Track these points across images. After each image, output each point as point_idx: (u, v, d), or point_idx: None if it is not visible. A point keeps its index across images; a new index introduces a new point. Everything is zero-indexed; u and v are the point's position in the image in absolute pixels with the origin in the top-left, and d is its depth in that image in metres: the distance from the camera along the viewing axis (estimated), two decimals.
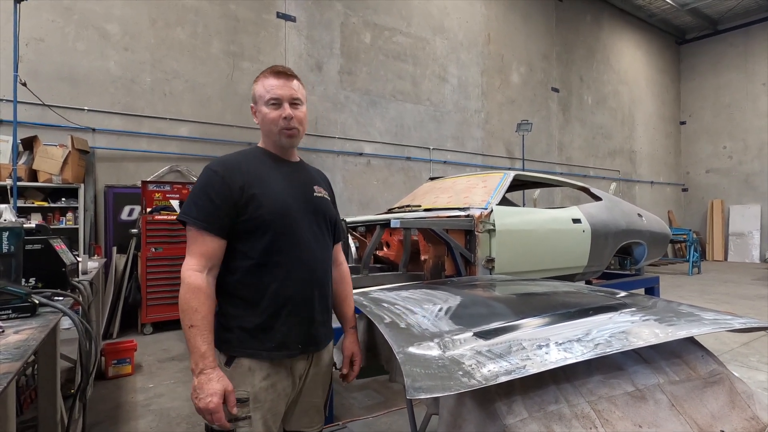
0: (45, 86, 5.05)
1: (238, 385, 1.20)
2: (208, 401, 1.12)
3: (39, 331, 1.21)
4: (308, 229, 1.32)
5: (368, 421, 2.76)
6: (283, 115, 1.30)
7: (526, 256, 3.45)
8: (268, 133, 1.34)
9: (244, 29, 6.42)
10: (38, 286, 1.64)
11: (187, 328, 1.15)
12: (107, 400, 3.11)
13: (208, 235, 1.21)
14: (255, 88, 1.34)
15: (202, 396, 1.12)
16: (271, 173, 1.31)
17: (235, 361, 1.23)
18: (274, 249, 1.25)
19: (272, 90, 1.30)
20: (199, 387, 1.13)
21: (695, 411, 1.14)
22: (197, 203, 1.22)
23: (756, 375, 3.46)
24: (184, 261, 1.21)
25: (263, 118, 1.32)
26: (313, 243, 1.33)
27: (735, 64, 12.92)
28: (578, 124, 11.06)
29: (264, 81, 1.32)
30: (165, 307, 4.92)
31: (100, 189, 5.39)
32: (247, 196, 1.23)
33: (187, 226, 1.23)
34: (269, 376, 1.24)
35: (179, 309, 1.18)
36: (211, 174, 1.25)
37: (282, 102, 1.30)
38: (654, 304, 1.58)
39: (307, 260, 1.30)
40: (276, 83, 1.30)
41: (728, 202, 12.97)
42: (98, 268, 3.18)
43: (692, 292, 7.38)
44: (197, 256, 1.20)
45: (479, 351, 1.14)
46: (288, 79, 1.32)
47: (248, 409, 1.21)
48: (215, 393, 1.12)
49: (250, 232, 1.24)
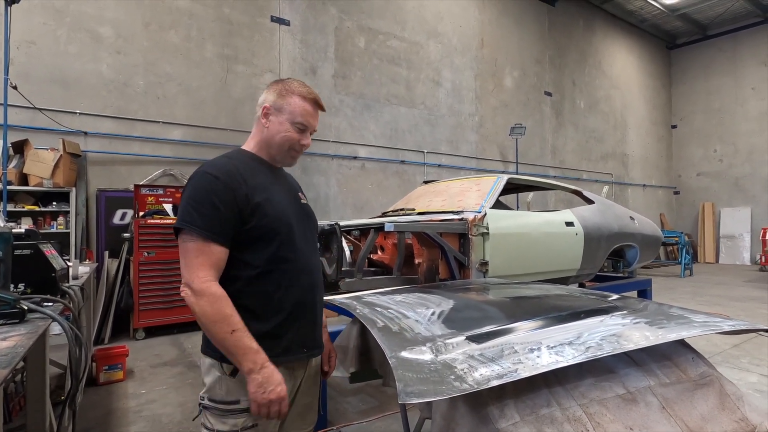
0: (36, 89, 5.00)
1: (244, 395, 1.18)
2: (279, 390, 1.13)
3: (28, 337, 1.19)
4: (302, 236, 1.33)
5: (362, 425, 2.75)
6: (302, 142, 1.33)
7: (520, 259, 3.46)
8: (275, 146, 1.33)
9: (238, 33, 6.42)
10: (27, 291, 1.62)
11: (229, 334, 1.12)
12: (98, 406, 3.07)
13: (215, 246, 1.16)
14: (287, 100, 1.30)
15: (271, 387, 1.13)
16: (268, 181, 1.30)
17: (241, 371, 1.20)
18: (279, 257, 1.24)
19: (306, 116, 1.32)
20: (266, 380, 1.13)
21: (685, 413, 1.15)
22: (200, 211, 1.16)
23: (747, 376, 3.49)
24: (192, 273, 1.14)
25: (281, 133, 1.31)
26: (308, 249, 1.34)
27: (724, 68, 13.11)
28: (571, 127, 11.16)
29: (302, 102, 1.31)
30: (157, 312, 4.88)
31: (92, 193, 5.35)
32: (253, 205, 1.21)
33: (189, 235, 1.16)
34: None
35: (208, 321, 1.12)
36: (213, 180, 1.19)
37: (307, 130, 1.34)
38: (645, 306, 1.59)
39: (306, 266, 1.31)
40: (312, 112, 1.33)
41: (719, 204, 13.12)
42: (89, 273, 3.15)
43: (684, 295, 7.45)
44: (207, 267, 1.15)
45: (471, 355, 1.15)
46: (319, 111, 1.36)
47: (255, 417, 1.19)
48: (281, 382, 1.15)
49: (253, 242, 1.22)
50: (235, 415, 1.19)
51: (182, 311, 5.04)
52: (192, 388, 3.41)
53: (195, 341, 4.72)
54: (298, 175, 6.91)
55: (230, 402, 1.19)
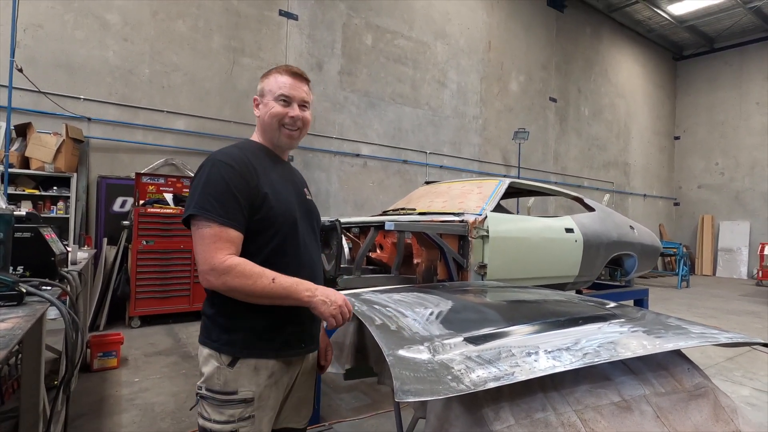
0: (41, 73, 4.99)
1: (243, 385, 1.19)
2: (337, 295, 1.19)
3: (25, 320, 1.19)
4: (306, 231, 1.34)
5: (355, 422, 2.76)
6: (291, 114, 1.31)
7: (519, 263, 3.46)
8: (268, 128, 1.33)
9: (245, 25, 6.41)
10: (26, 274, 1.61)
11: (273, 282, 1.13)
12: (91, 392, 3.07)
13: (232, 230, 1.16)
14: (265, 82, 1.33)
15: (333, 297, 1.18)
16: (275, 173, 1.30)
17: (239, 362, 1.21)
18: (281, 250, 1.25)
19: (284, 87, 1.30)
20: (326, 296, 1.17)
21: (680, 423, 1.16)
22: (218, 198, 1.15)
23: (739, 390, 3.50)
24: (212, 257, 1.12)
25: (268, 112, 1.31)
26: (311, 244, 1.35)
27: (730, 82, 13.11)
28: (574, 134, 11.16)
29: (277, 77, 1.32)
30: (154, 301, 4.88)
31: (93, 179, 5.34)
32: (262, 195, 1.21)
33: (205, 221, 1.14)
34: (273, 374, 1.25)
35: (247, 286, 1.11)
36: (227, 168, 1.19)
37: (292, 102, 1.31)
38: (643, 315, 1.60)
39: (308, 261, 1.32)
40: (290, 82, 1.31)
41: (718, 217, 13.13)
42: (88, 259, 3.15)
43: (680, 306, 7.46)
44: (226, 249, 1.13)
45: (469, 356, 1.15)
46: (302, 81, 1.34)
47: (252, 408, 1.20)
48: (333, 290, 1.20)
49: (258, 233, 1.22)
50: (233, 406, 1.19)
51: (178, 301, 5.04)
52: (186, 378, 3.41)
53: (190, 331, 4.72)
54: (300, 170, 6.90)
55: (228, 392, 1.19)
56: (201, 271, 1.15)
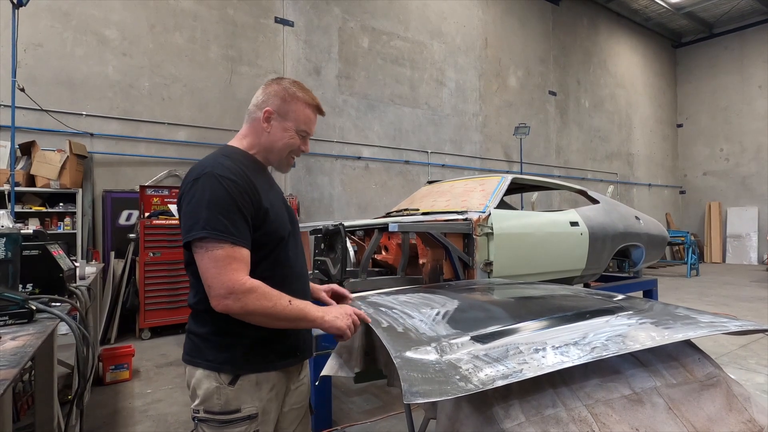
0: (43, 91, 5.05)
1: (245, 402, 1.16)
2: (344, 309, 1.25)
3: (36, 337, 1.21)
4: (295, 242, 1.34)
5: (367, 425, 2.76)
6: (302, 149, 1.34)
7: (524, 259, 3.45)
8: (274, 151, 1.30)
9: (242, 34, 6.44)
10: (35, 292, 1.63)
11: (289, 305, 1.14)
12: (105, 405, 3.10)
13: (243, 249, 1.13)
14: (292, 107, 1.28)
15: (341, 313, 1.23)
16: (267, 186, 1.29)
17: (241, 379, 1.17)
18: (278, 263, 1.25)
19: (309, 124, 1.32)
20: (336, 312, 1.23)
21: (692, 414, 1.15)
22: (228, 217, 1.11)
23: (754, 377, 3.46)
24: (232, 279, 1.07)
25: (283, 140, 1.29)
26: (299, 254, 1.35)
27: (731, 67, 13.00)
28: (576, 127, 11.11)
29: (306, 110, 1.30)
30: (163, 312, 4.91)
31: (98, 194, 5.39)
32: (263, 211, 1.20)
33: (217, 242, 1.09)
34: (274, 386, 1.24)
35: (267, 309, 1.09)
36: (231, 183, 1.14)
37: (308, 137, 1.34)
38: (651, 307, 1.59)
39: (300, 270, 1.33)
40: (314, 119, 1.34)
41: (726, 204, 13.01)
42: (96, 273, 3.18)
43: (690, 295, 7.39)
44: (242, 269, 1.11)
45: (476, 355, 1.14)
46: (319, 116, 1.37)
47: (257, 423, 1.18)
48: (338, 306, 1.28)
49: (258, 247, 1.19)
50: (236, 424, 1.15)
51: (187, 311, 5.03)
52: None
53: None
54: (303, 176, 6.93)
55: (230, 412, 1.15)
56: (216, 295, 1.08)
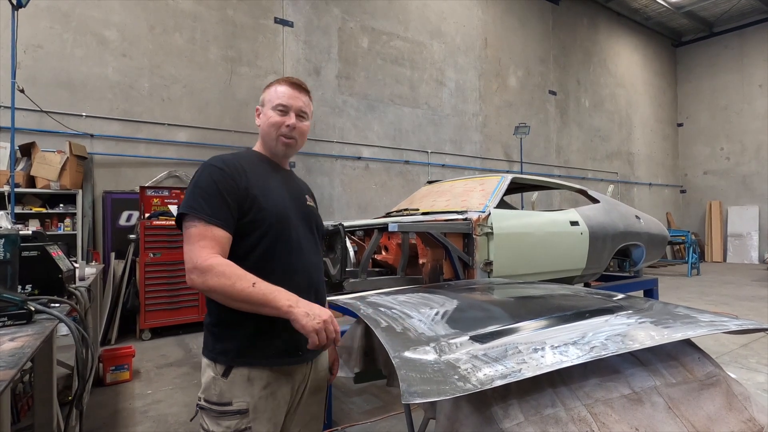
0: (43, 92, 5.05)
1: (236, 396, 1.17)
2: (323, 311, 1.10)
3: (35, 338, 1.21)
4: (303, 235, 1.33)
5: (366, 425, 2.76)
6: (287, 123, 1.32)
7: (525, 259, 3.45)
8: (266, 137, 1.36)
9: (242, 35, 6.45)
10: (34, 293, 1.63)
11: (252, 287, 1.08)
12: (105, 406, 3.10)
13: (217, 229, 1.16)
14: (266, 93, 1.37)
15: (316, 311, 1.09)
16: (269, 178, 1.32)
17: (233, 371, 1.19)
18: (272, 253, 1.23)
19: (282, 97, 1.33)
20: (308, 307, 1.09)
21: (692, 413, 1.14)
22: (206, 198, 1.17)
23: (755, 376, 3.45)
24: (195, 255, 1.11)
25: (266, 121, 1.34)
26: (307, 248, 1.33)
27: (731, 66, 12.98)
28: (576, 126, 11.10)
29: (277, 87, 1.35)
30: (163, 313, 4.91)
31: (99, 195, 5.39)
32: (251, 197, 1.22)
33: (191, 221, 1.15)
34: (269, 384, 1.21)
35: (226, 288, 1.08)
36: (216, 170, 1.22)
37: (289, 111, 1.33)
38: (650, 306, 1.58)
39: (304, 265, 1.30)
40: (288, 92, 1.34)
41: (726, 203, 12.99)
42: (96, 274, 3.18)
43: (691, 294, 7.38)
44: (209, 247, 1.13)
45: (475, 355, 1.14)
46: (300, 91, 1.36)
47: (248, 419, 1.17)
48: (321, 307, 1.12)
49: (247, 235, 1.21)
50: (228, 417, 1.17)
51: (188, 312, 5.06)
52: (198, 388, 3.43)
53: (200, 342, 4.73)
54: (302, 176, 6.92)
55: (223, 404, 1.18)
56: (186, 269, 1.14)
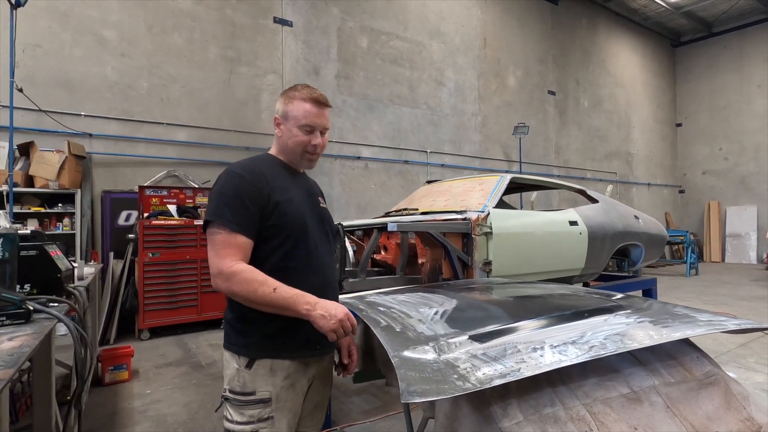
0: (42, 92, 5.05)
1: (260, 386, 1.24)
2: (339, 309, 1.18)
3: (33, 337, 1.20)
4: (318, 237, 1.39)
5: (366, 425, 2.76)
6: (313, 143, 1.37)
7: (524, 258, 3.45)
8: (290, 153, 1.39)
9: (241, 34, 6.44)
10: (33, 292, 1.63)
11: (274, 292, 1.18)
12: (104, 406, 3.09)
13: (241, 236, 1.23)
14: (289, 106, 1.36)
15: (333, 311, 1.17)
16: (288, 183, 1.37)
17: (256, 363, 1.26)
18: (292, 255, 1.30)
19: (309, 116, 1.35)
20: (325, 309, 1.18)
21: (690, 413, 1.15)
22: (230, 206, 1.23)
23: (754, 376, 3.46)
24: (221, 261, 1.20)
25: (291, 138, 1.36)
26: (323, 250, 1.40)
27: (730, 66, 13.00)
28: (575, 126, 11.11)
29: (302, 105, 1.35)
30: (162, 313, 4.91)
31: (97, 194, 5.38)
32: (273, 203, 1.28)
33: (217, 228, 1.22)
34: (290, 375, 1.29)
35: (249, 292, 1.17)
36: (240, 179, 1.27)
37: (315, 130, 1.36)
38: (649, 306, 1.59)
39: (320, 266, 1.37)
40: (314, 111, 1.35)
41: (725, 203, 13.01)
42: (95, 274, 3.18)
43: (690, 294, 7.39)
44: (233, 254, 1.21)
45: (474, 354, 1.14)
46: (324, 108, 1.38)
47: (271, 409, 1.25)
48: (335, 304, 1.20)
49: (269, 238, 1.28)
50: (252, 406, 1.24)
51: (187, 312, 5.06)
52: (197, 388, 3.43)
53: (199, 341, 4.74)
54: None
55: (247, 393, 1.25)
56: (211, 274, 1.23)
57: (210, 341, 4.72)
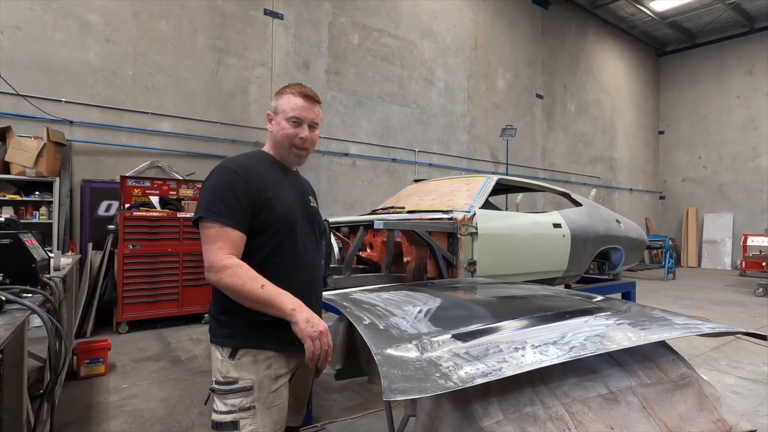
0: (20, 76, 4.88)
1: (242, 375, 1.26)
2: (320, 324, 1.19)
3: (5, 329, 1.17)
4: (306, 236, 1.41)
5: (347, 422, 2.75)
6: (300, 135, 1.39)
7: (508, 259, 3.49)
8: (279, 145, 1.42)
9: (230, 25, 6.34)
10: (6, 282, 1.58)
11: (261, 289, 1.19)
12: (78, 400, 3.02)
13: (232, 230, 1.25)
14: (279, 101, 1.40)
15: (316, 320, 1.19)
16: (279, 180, 1.39)
17: (240, 352, 1.28)
18: (279, 251, 1.32)
19: (296, 109, 1.38)
20: (310, 316, 1.19)
21: (665, 413, 1.17)
22: (223, 201, 1.25)
23: (725, 378, 3.57)
24: (213, 255, 1.21)
25: (280, 131, 1.39)
26: (310, 248, 1.42)
27: (711, 76, 13.35)
28: (561, 130, 11.26)
29: (291, 98, 1.39)
30: (142, 306, 4.81)
31: (77, 183, 5.24)
32: (264, 199, 1.30)
33: (209, 222, 1.24)
34: (272, 366, 1.30)
35: (238, 287, 1.18)
36: (232, 174, 1.29)
37: (302, 123, 1.39)
38: (628, 308, 1.62)
39: (307, 263, 1.39)
40: (302, 104, 1.38)
41: (703, 210, 13.38)
42: (72, 265, 3.09)
43: (667, 298, 7.58)
44: (225, 248, 1.22)
45: (457, 353, 1.15)
46: (313, 103, 1.41)
47: (253, 398, 1.25)
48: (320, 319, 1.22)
49: (259, 233, 1.30)
50: (234, 395, 1.25)
51: (167, 305, 4.97)
52: (175, 383, 3.37)
53: (179, 336, 4.67)
54: None
55: (229, 382, 1.26)
56: (204, 267, 1.25)
57: (191, 336, 4.65)
